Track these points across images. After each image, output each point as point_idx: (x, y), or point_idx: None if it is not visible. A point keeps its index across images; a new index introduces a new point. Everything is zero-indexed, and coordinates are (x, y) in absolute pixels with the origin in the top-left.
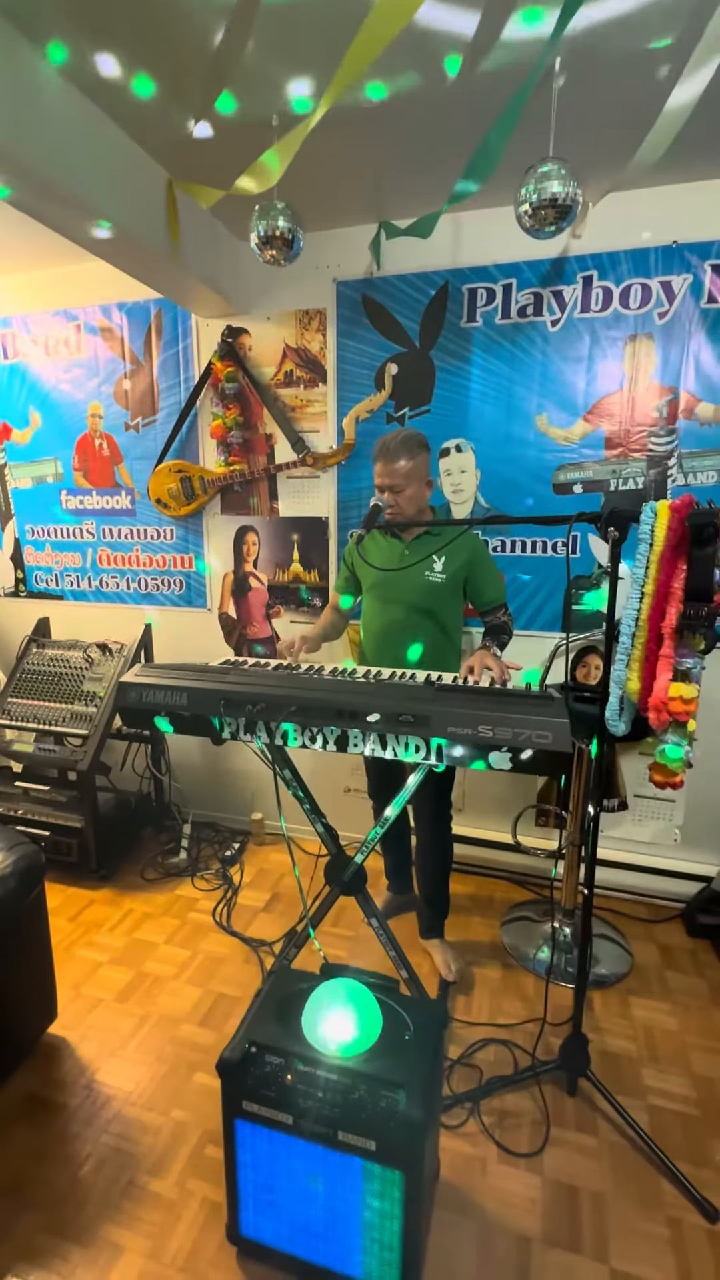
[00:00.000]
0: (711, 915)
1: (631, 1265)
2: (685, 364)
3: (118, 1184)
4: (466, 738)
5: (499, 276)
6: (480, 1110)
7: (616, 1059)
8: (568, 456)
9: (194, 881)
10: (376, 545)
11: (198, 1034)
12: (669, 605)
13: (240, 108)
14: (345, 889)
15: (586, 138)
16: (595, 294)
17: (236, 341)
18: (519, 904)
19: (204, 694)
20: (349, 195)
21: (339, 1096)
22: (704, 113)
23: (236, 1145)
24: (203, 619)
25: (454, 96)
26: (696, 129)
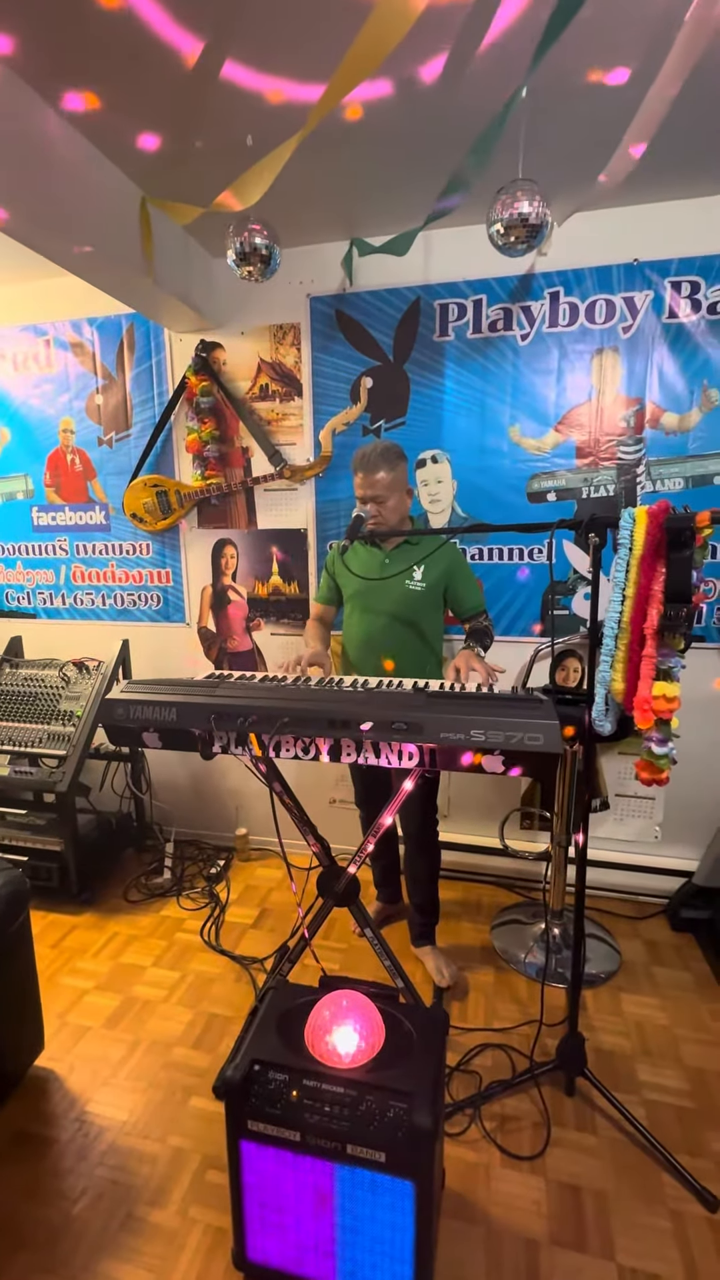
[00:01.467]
0: (694, 909)
1: (638, 1260)
2: (649, 376)
3: (115, 1218)
4: (460, 742)
5: (469, 292)
6: (481, 1116)
7: (611, 1056)
8: (541, 466)
9: (179, 901)
10: (357, 555)
11: (192, 1057)
12: (650, 607)
13: (215, 130)
14: (339, 900)
15: (553, 160)
16: (562, 309)
17: (210, 356)
18: (508, 907)
19: (194, 708)
20: (322, 212)
21: (346, 1110)
22: (662, 138)
23: (242, 1167)
24: (182, 634)
25: (426, 120)
26: (656, 154)
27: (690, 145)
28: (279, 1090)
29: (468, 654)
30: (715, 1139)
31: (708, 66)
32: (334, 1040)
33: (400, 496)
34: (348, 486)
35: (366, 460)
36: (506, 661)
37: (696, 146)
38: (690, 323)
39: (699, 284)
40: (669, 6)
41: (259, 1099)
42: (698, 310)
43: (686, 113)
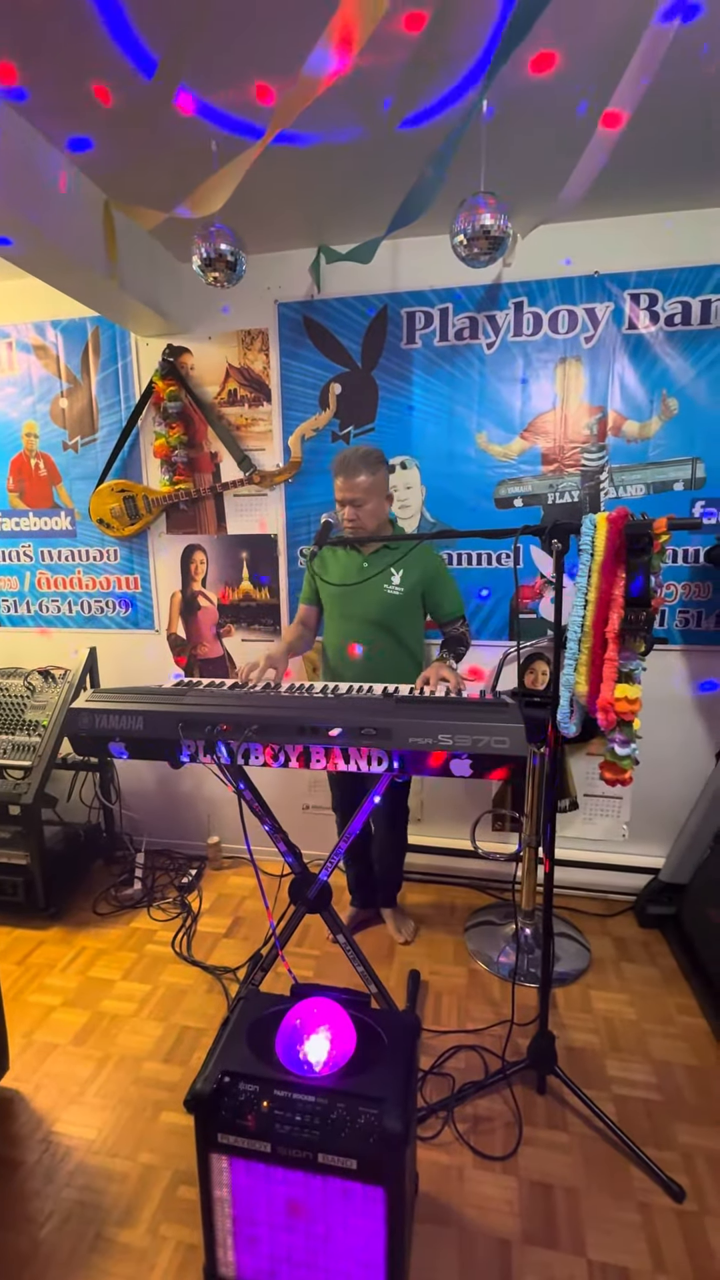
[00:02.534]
0: (661, 905)
1: (607, 1255)
2: (611, 385)
3: (84, 1239)
4: (428, 746)
5: (436, 301)
6: (454, 1118)
7: (582, 1053)
8: (508, 472)
9: (150, 912)
10: (336, 560)
11: (163, 1071)
12: (611, 611)
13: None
14: (311, 907)
15: (515, 174)
16: (526, 319)
17: (178, 361)
18: (480, 909)
19: (161, 717)
20: (289, 219)
21: (318, 1118)
22: (620, 156)
23: (212, 1181)
24: (151, 640)
25: (389, 134)
26: (614, 171)
27: (646, 163)
28: (249, 1101)
29: (439, 665)
30: (682, 1130)
31: (663, 87)
32: (305, 1049)
33: (379, 501)
34: (318, 492)
35: (347, 464)
36: (478, 665)
37: (652, 165)
38: (649, 334)
39: (657, 296)
40: (626, 25)
41: (229, 1111)
42: (656, 322)
43: (642, 132)
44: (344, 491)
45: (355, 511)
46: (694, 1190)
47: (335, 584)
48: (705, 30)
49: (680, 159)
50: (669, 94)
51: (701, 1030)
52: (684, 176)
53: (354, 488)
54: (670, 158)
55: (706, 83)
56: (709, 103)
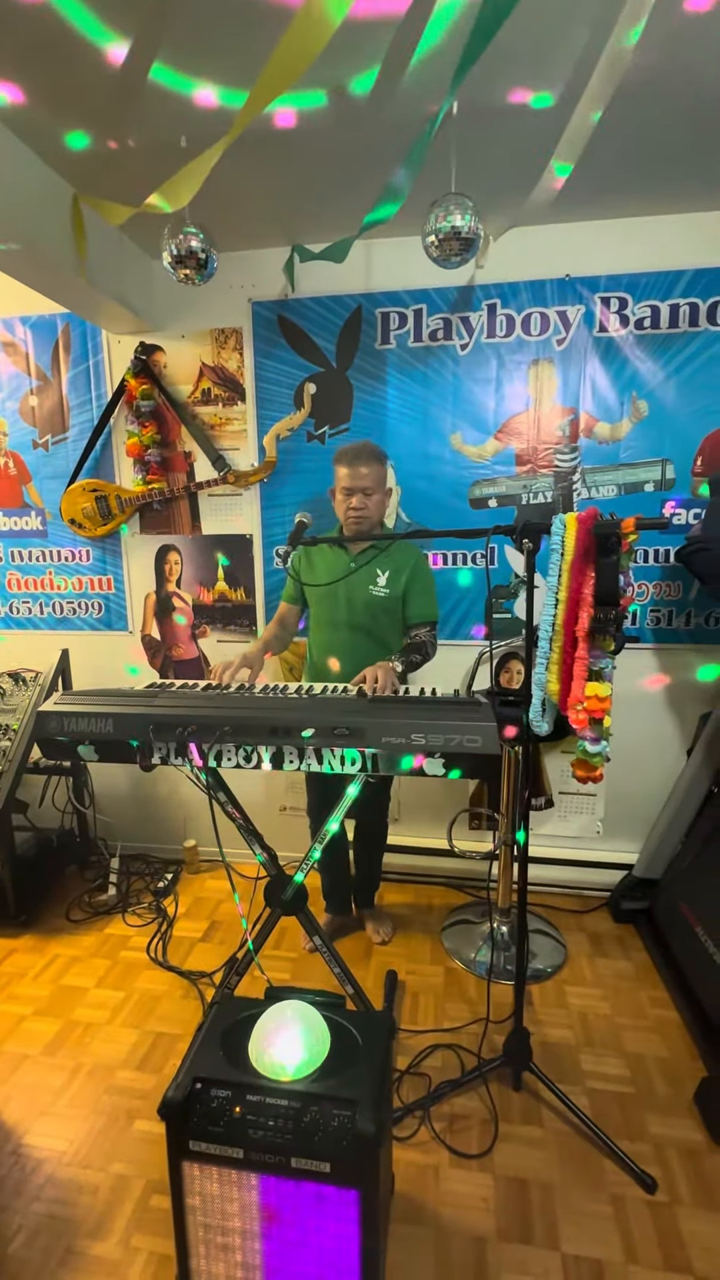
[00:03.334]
0: (634, 900)
1: (580, 1247)
2: (583, 387)
3: (54, 1254)
4: (400, 746)
5: (410, 302)
6: (430, 1117)
7: (557, 1049)
8: (482, 472)
9: (125, 918)
10: (323, 558)
11: (136, 1079)
12: (581, 610)
13: (148, 127)
14: (286, 909)
15: (485, 176)
16: (500, 321)
17: (150, 359)
18: (458, 908)
19: (131, 719)
20: (262, 218)
21: (291, 1122)
22: (589, 162)
23: (184, 1189)
24: (125, 642)
25: (361, 131)
26: (584, 176)
27: (616, 170)
28: (221, 1107)
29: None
30: (653, 1122)
31: (629, 95)
32: (278, 1052)
33: (383, 494)
34: (293, 492)
35: (355, 453)
36: (451, 665)
37: (621, 171)
38: (619, 337)
39: (626, 300)
40: (591, 32)
41: (201, 1118)
42: (626, 325)
43: (611, 139)
44: (352, 480)
45: (364, 500)
46: (665, 1181)
47: (323, 582)
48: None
49: (647, 168)
50: (637, 105)
51: (673, 1022)
52: (652, 185)
53: (361, 476)
54: (638, 166)
55: (674, 95)
56: (676, 114)
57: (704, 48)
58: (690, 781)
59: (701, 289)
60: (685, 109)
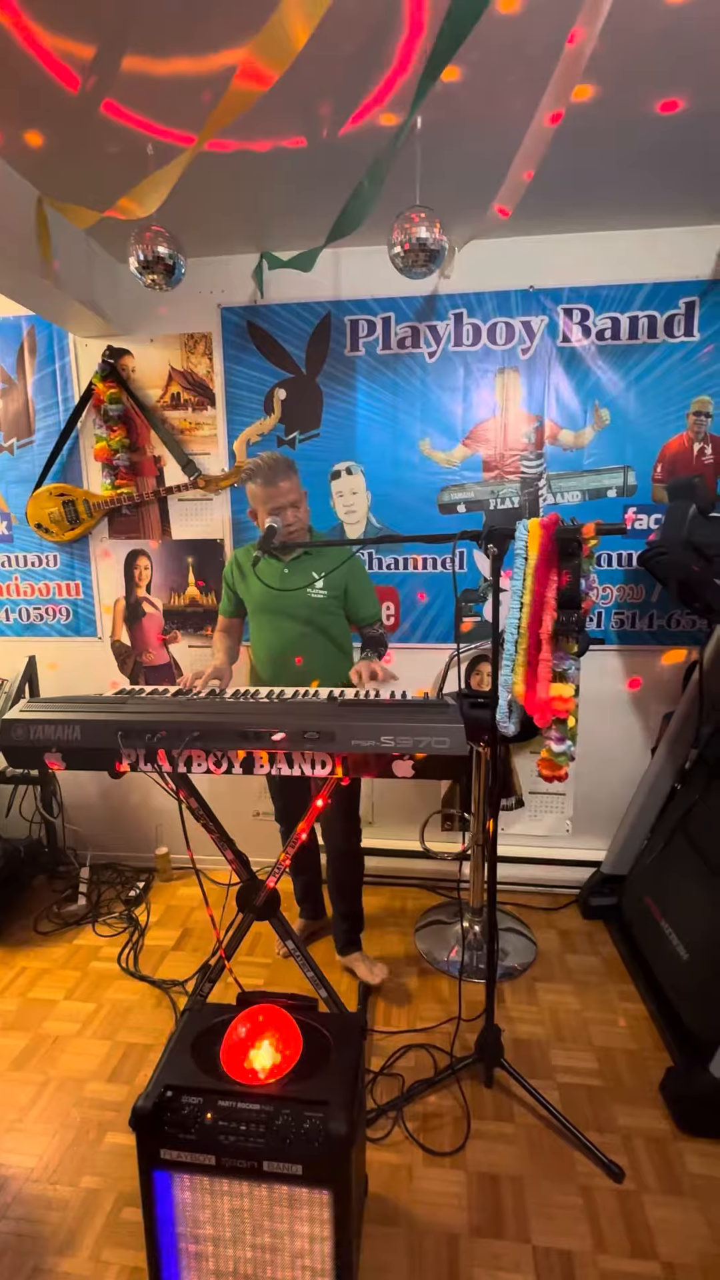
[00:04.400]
0: (603, 896)
1: (551, 1239)
2: (548, 395)
3: (21, 1273)
4: (371, 749)
5: (378, 310)
6: (404, 1117)
7: (528, 1044)
8: (451, 478)
9: (95, 928)
10: (267, 565)
11: (107, 1091)
12: (544, 613)
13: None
14: (259, 914)
15: (451, 188)
16: (466, 330)
17: (119, 363)
18: (431, 909)
19: (99, 726)
20: (231, 225)
21: (263, 1126)
22: (549, 177)
23: (156, 1199)
24: (94, 648)
25: (329, 141)
26: (544, 191)
27: (575, 184)
28: (193, 1115)
29: (366, 664)
30: (621, 1113)
31: (586, 113)
32: (249, 1057)
33: (303, 499)
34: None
35: (266, 471)
36: (423, 668)
37: (580, 186)
38: (582, 347)
39: (588, 311)
40: (547, 45)
41: (172, 1126)
42: (588, 336)
43: (569, 154)
44: (276, 499)
45: (296, 514)
46: (632, 1170)
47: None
48: None
49: (607, 185)
50: (591, 120)
51: (640, 1015)
52: (610, 201)
53: (284, 492)
54: (594, 181)
55: (632, 113)
56: (633, 134)
57: (652, 73)
58: (654, 779)
59: (659, 302)
60: (639, 132)
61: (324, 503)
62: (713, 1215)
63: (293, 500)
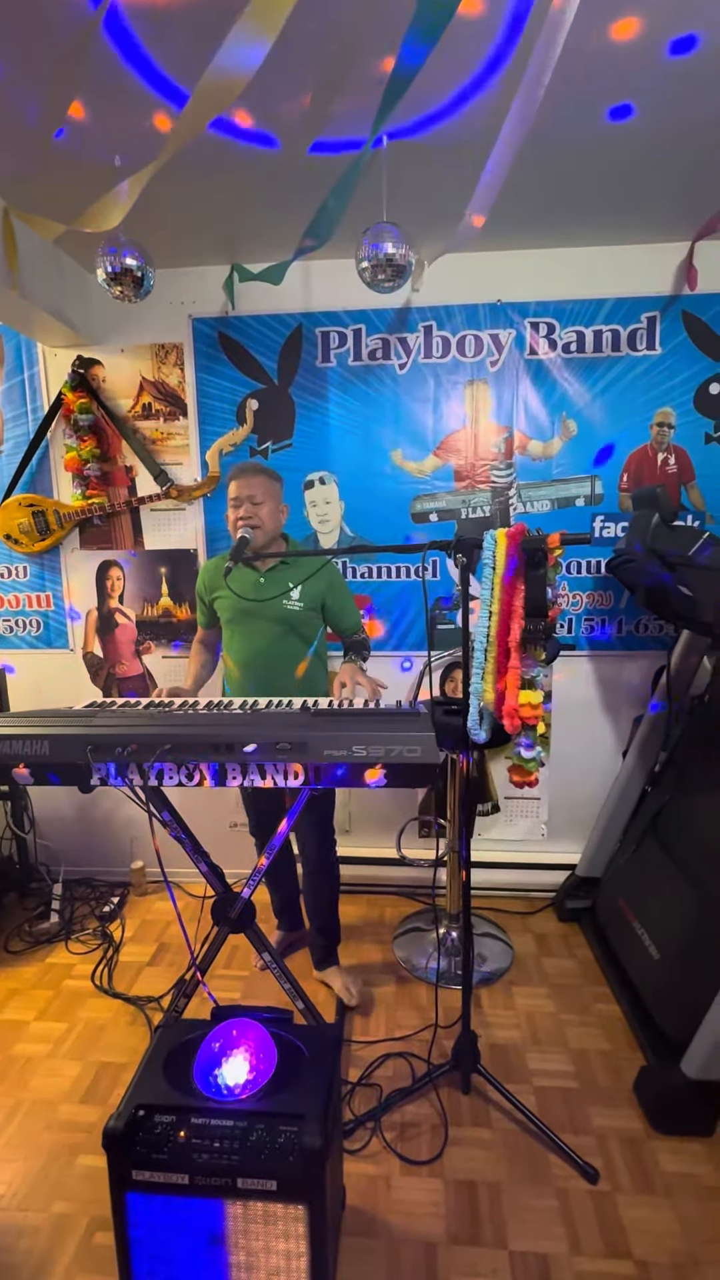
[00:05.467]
0: (578, 899)
1: (528, 1243)
2: (516, 406)
3: None
4: (343, 758)
5: (349, 322)
6: (382, 1127)
7: (505, 1049)
8: (423, 488)
9: (68, 946)
10: (240, 575)
11: (79, 1113)
12: (512, 621)
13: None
14: (234, 927)
15: (417, 205)
16: (436, 342)
17: (89, 373)
18: (409, 916)
19: (68, 740)
20: (201, 236)
21: (237, 1142)
22: (515, 195)
23: (128, 1222)
24: (66, 660)
25: (298, 155)
26: (511, 207)
27: (539, 202)
28: (165, 1133)
29: (351, 668)
30: (596, 1114)
31: (551, 132)
32: (223, 1072)
33: (275, 505)
34: None
35: (244, 468)
36: (398, 675)
37: (545, 203)
38: (549, 360)
39: (554, 325)
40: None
41: (144, 1146)
42: (554, 349)
43: (534, 173)
44: (242, 489)
45: (253, 508)
46: (606, 1170)
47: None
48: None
49: (571, 203)
50: (556, 140)
51: (615, 1016)
52: (575, 219)
53: (252, 484)
54: (557, 198)
55: (593, 138)
56: (593, 155)
57: (609, 94)
58: (626, 782)
59: (621, 316)
60: (601, 154)
61: (298, 512)
62: (684, 1212)
63: (252, 494)
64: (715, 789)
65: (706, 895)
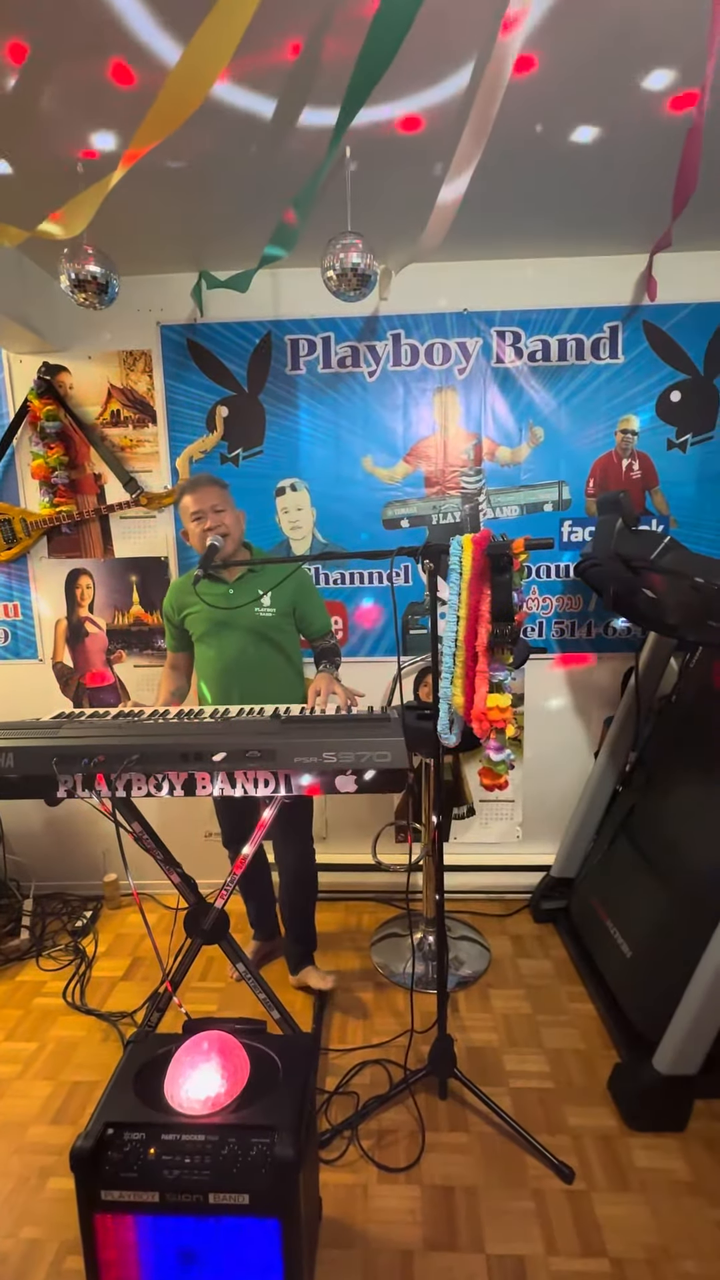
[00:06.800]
0: (553, 900)
1: (504, 1246)
2: (484, 414)
3: None
4: (313, 765)
5: (318, 330)
6: (358, 1136)
7: (481, 1052)
8: (394, 494)
9: (39, 962)
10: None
11: (50, 1134)
12: (479, 626)
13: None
14: (207, 938)
15: (383, 215)
16: (404, 350)
17: (55, 379)
18: (386, 921)
19: (33, 752)
20: (168, 244)
21: (208, 1157)
22: (477, 207)
23: (97, 1244)
24: (34, 670)
25: (263, 161)
26: (477, 218)
27: (504, 214)
28: (135, 1151)
29: (327, 677)
30: (572, 1113)
31: (512, 150)
32: (194, 1086)
33: (235, 513)
34: None
35: (194, 483)
36: (371, 680)
37: (509, 216)
38: (515, 368)
39: (520, 334)
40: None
41: (113, 1165)
42: (520, 357)
43: (498, 187)
44: (202, 502)
45: (217, 518)
46: (582, 1169)
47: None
48: None
49: (534, 216)
50: (515, 158)
51: (590, 1014)
52: (539, 232)
53: (210, 495)
54: (525, 215)
55: (554, 153)
56: (555, 172)
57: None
58: (597, 782)
59: (585, 326)
60: (563, 172)
61: (269, 519)
62: (658, 1208)
63: (214, 504)
64: (683, 787)
65: (675, 892)
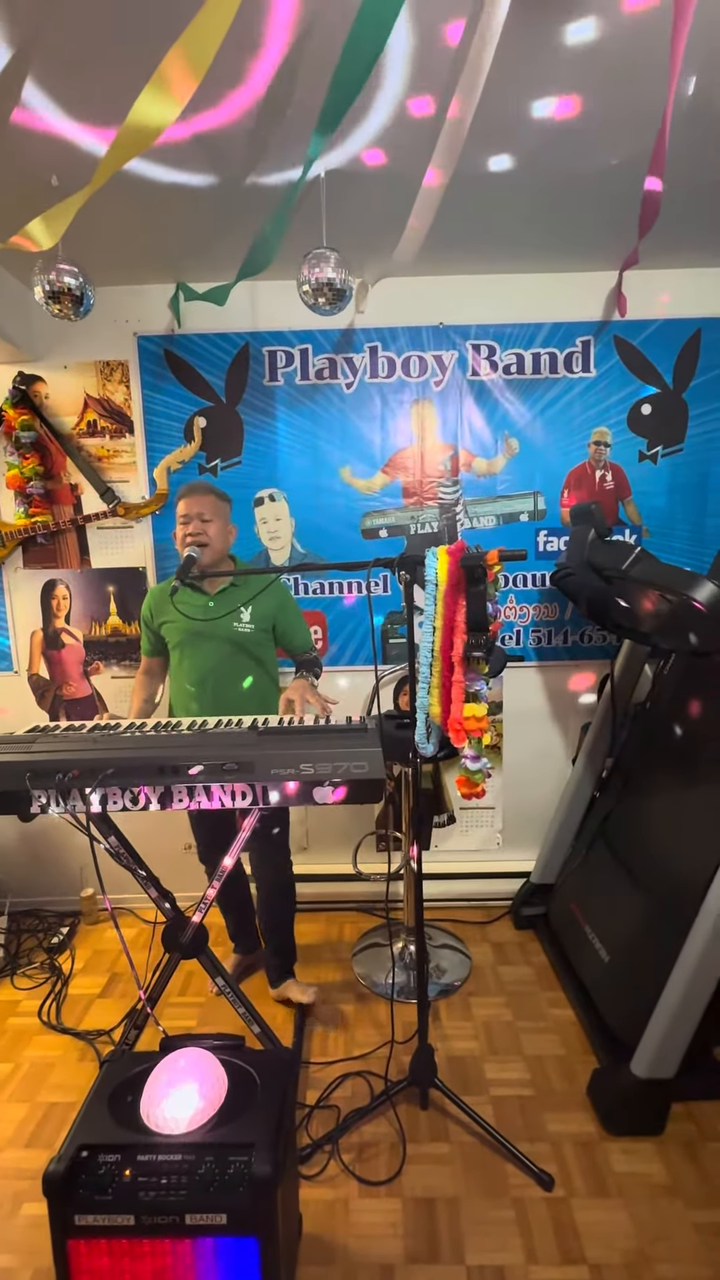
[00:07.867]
0: (533, 906)
1: (485, 1257)
2: (461, 425)
3: None
4: (290, 777)
5: (296, 342)
6: (339, 1149)
7: (462, 1061)
8: (372, 504)
9: (14, 981)
10: (183, 599)
11: (24, 1158)
12: (455, 636)
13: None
14: (185, 952)
15: (357, 229)
16: (381, 362)
17: (30, 389)
18: (367, 931)
19: (6, 767)
20: (145, 255)
21: (185, 1177)
22: (449, 223)
23: (71, 1271)
24: (9, 683)
25: (239, 176)
26: (454, 234)
27: (478, 231)
28: (110, 1173)
29: (301, 684)
30: (551, 1120)
31: (480, 171)
32: (170, 1105)
33: (224, 525)
34: None
35: (193, 488)
36: (351, 690)
37: (483, 232)
38: (490, 381)
39: (495, 348)
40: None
41: (87, 1188)
42: (495, 370)
43: (473, 205)
44: (188, 508)
45: (201, 525)
46: (561, 1176)
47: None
48: None
49: (508, 233)
50: (484, 179)
51: (569, 1020)
52: (513, 247)
53: (200, 503)
54: (500, 232)
55: (528, 173)
56: (528, 191)
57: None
58: (575, 788)
59: (558, 340)
60: (537, 188)
61: (248, 529)
62: (635, 1212)
63: (200, 512)
64: (658, 792)
65: (651, 896)
